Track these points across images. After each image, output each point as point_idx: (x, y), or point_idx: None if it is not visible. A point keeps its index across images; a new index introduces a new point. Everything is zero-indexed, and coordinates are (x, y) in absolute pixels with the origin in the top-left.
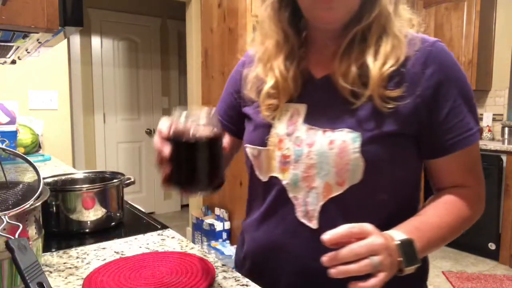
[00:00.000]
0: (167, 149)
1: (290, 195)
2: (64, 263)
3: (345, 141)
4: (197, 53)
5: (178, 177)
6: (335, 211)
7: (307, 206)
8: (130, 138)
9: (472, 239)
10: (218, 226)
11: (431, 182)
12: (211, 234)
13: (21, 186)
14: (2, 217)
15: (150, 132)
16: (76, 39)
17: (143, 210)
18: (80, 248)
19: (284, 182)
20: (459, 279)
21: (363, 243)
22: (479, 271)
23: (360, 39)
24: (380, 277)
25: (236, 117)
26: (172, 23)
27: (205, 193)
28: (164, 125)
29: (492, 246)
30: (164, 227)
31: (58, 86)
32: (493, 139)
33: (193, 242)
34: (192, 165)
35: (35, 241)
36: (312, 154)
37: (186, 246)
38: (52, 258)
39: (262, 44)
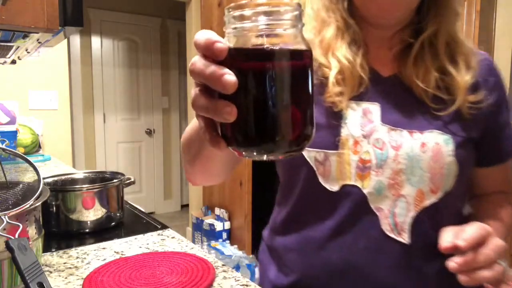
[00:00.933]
0: (232, 77)
1: (373, 205)
2: (64, 263)
3: (438, 143)
4: (197, 53)
5: (248, 126)
6: (429, 222)
7: (395, 218)
8: (130, 138)
9: None
10: (218, 226)
11: (472, 187)
12: (211, 234)
13: (21, 186)
14: (2, 217)
15: (150, 132)
16: (76, 39)
17: (143, 210)
18: (80, 248)
19: (365, 191)
20: None
21: (492, 246)
22: None
23: (428, 43)
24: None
25: None
26: (172, 23)
27: (281, 153)
28: (213, 34)
29: None
30: (164, 227)
31: (58, 86)
32: None
33: (193, 242)
34: (277, 103)
35: (35, 241)
36: (400, 158)
37: (186, 246)
38: (52, 258)
39: (318, 33)
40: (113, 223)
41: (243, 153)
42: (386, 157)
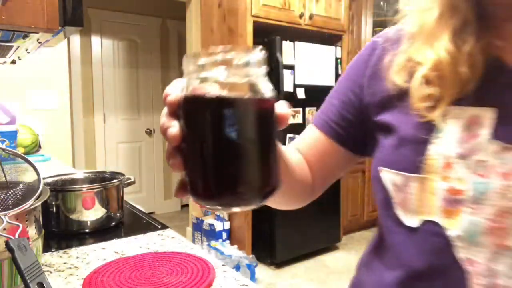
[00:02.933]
0: (174, 129)
1: (462, 255)
2: (64, 263)
3: None
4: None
5: (196, 177)
6: None
7: (496, 279)
8: (130, 138)
9: None
10: (218, 226)
11: None
12: (211, 234)
13: (21, 186)
14: (2, 217)
15: (150, 132)
16: (76, 39)
17: (143, 210)
18: (80, 248)
19: (451, 233)
20: None
21: None
22: None
23: None
24: None
25: (351, 122)
26: (172, 23)
27: (242, 207)
28: (175, 86)
29: None
30: (164, 227)
31: (58, 86)
32: None
33: (193, 242)
34: (221, 152)
35: (35, 241)
36: (510, 192)
37: (186, 246)
38: (52, 258)
39: (418, 19)
40: (113, 223)
41: (201, 203)
42: (488, 188)
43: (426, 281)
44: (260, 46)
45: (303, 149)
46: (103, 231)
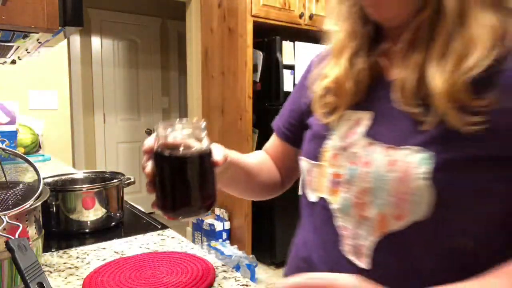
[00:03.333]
0: (148, 168)
1: (338, 223)
2: (64, 263)
3: (409, 162)
4: (197, 53)
5: (162, 198)
6: (391, 251)
7: (357, 240)
8: (130, 138)
9: None
10: (218, 226)
11: None
12: (211, 234)
13: (21, 186)
14: (2, 217)
15: (150, 132)
16: (76, 39)
17: (143, 210)
18: (80, 248)
19: (333, 207)
20: None
21: None
22: None
23: (427, 36)
24: None
25: (296, 126)
26: (172, 23)
27: (193, 216)
28: (149, 140)
29: None
30: (164, 227)
31: (58, 86)
32: None
33: (193, 242)
34: (175, 184)
35: (35, 241)
36: (369, 176)
37: (186, 246)
38: (52, 258)
39: (334, 33)
40: (113, 223)
41: (165, 215)
42: (356, 173)
43: (317, 239)
44: (203, 120)
45: (269, 150)
46: (103, 231)
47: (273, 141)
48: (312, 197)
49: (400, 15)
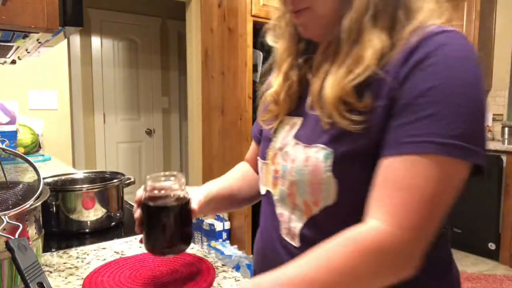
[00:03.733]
0: (136, 214)
1: (278, 211)
2: (64, 263)
3: (318, 158)
4: (197, 53)
5: (148, 239)
6: (314, 231)
7: (290, 224)
8: (130, 138)
9: (472, 239)
10: (218, 226)
11: None
12: (211, 234)
13: (21, 186)
14: (2, 217)
15: (150, 132)
16: (76, 39)
17: None
18: (80, 248)
19: (274, 197)
20: None
21: None
22: (479, 271)
23: (334, 52)
24: None
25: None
26: (172, 23)
27: (175, 253)
28: (139, 191)
29: (492, 246)
30: None
31: (58, 86)
32: (493, 139)
33: (193, 242)
34: (158, 228)
35: (35, 241)
36: (293, 170)
37: None
38: (52, 258)
39: (275, 49)
40: (113, 223)
41: (149, 251)
42: (286, 169)
43: (266, 226)
44: (180, 173)
45: (249, 158)
46: (103, 231)
47: (252, 147)
48: (262, 190)
49: (324, 34)
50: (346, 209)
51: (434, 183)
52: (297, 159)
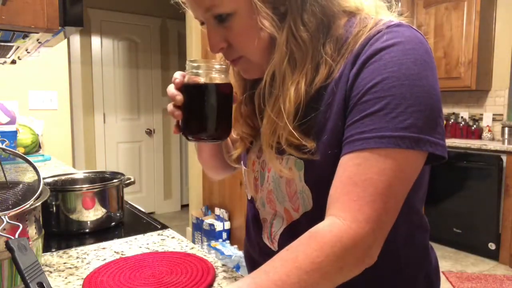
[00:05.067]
0: (179, 96)
1: (261, 216)
2: (64, 263)
3: (291, 168)
4: (197, 53)
5: (188, 123)
6: (293, 235)
7: (272, 229)
8: (130, 138)
9: (472, 239)
10: (218, 226)
11: None
12: (211, 234)
13: (21, 186)
14: (2, 217)
15: (150, 132)
16: (76, 39)
17: (143, 210)
18: (80, 248)
19: (257, 204)
20: (459, 279)
21: None
22: (479, 271)
23: (268, 92)
24: None
25: None
26: (172, 23)
27: (211, 139)
28: (178, 73)
29: (492, 246)
30: (164, 227)
31: (58, 86)
32: (493, 139)
33: (193, 242)
34: (200, 111)
35: (35, 241)
36: (270, 179)
37: (186, 246)
38: (52, 258)
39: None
40: (113, 223)
41: (188, 137)
42: (264, 177)
43: (250, 230)
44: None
45: None
46: (103, 231)
47: None
48: (248, 195)
49: (263, 74)
50: (321, 214)
51: (386, 176)
52: (272, 169)
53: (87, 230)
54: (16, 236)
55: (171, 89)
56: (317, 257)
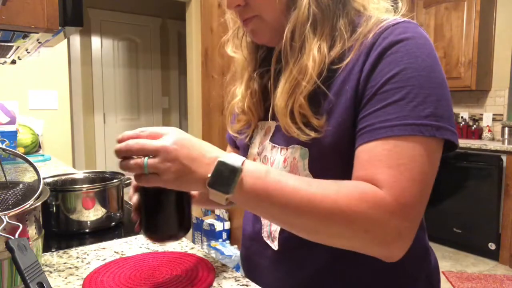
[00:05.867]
0: (135, 197)
1: None
2: (64, 263)
3: (295, 158)
4: (197, 53)
5: (145, 224)
6: (292, 234)
7: (271, 227)
8: None
9: (472, 239)
10: (218, 226)
11: None
12: (211, 234)
13: (21, 186)
14: (2, 217)
15: None
16: (76, 39)
17: None
18: (80, 248)
19: None
20: (459, 279)
21: (140, 141)
22: (479, 271)
23: (284, 58)
24: (150, 179)
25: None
26: (172, 23)
27: (172, 239)
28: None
29: (492, 246)
30: None
31: (58, 86)
32: (493, 139)
33: (193, 242)
34: (156, 212)
35: (35, 241)
36: None
37: (186, 246)
38: (52, 258)
39: (235, 59)
40: (113, 223)
41: (145, 236)
42: None
43: (249, 229)
44: None
45: None
46: (103, 231)
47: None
48: None
49: (274, 39)
50: None
51: (418, 162)
52: (275, 162)
53: (87, 230)
54: (16, 236)
55: (131, 189)
56: (355, 205)
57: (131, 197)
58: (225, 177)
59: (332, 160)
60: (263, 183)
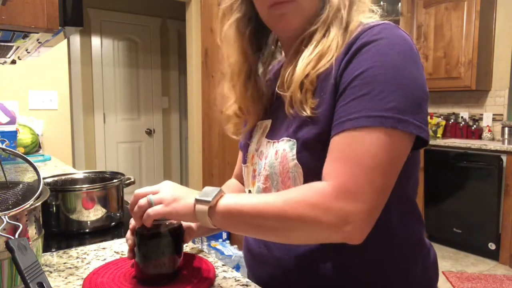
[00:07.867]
0: (130, 241)
1: None
2: (64, 263)
3: (284, 149)
4: (197, 53)
5: (140, 268)
6: None
7: None
8: (130, 138)
9: (472, 239)
10: None
11: None
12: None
13: (21, 186)
14: (2, 217)
15: (150, 132)
16: (76, 39)
17: None
18: (80, 248)
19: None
20: (459, 279)
21: (143, 189)
22: (479, 271)
23: (305, 44)
24: (155, 209)
25: None
26: (172, 23)
27: (165, 281)
28: (132, 220)
29: (492, 246)
30: None
31: (58, 86)
32: (493, 139)
33: (193, 242)
34: (151, 254)
35: (35, 241)
36: (266, 165)
37: (186, 246)
38: (52, 258)
39: (227, 59)
40: (113, 223)
41: (139, 279)
42: (261, 165)
43: None
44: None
45: (236, 174)
46: (103, 231)
47: (238, 160)
48: (246, 191)
49: (299, 27)
50: None
51: (372, 152)
52: (269, 155)
53: (87, 230)
54: (16, 236)
55: (128, 232)
56: (302, 199)
57: (128, 239)
58: (209, 191)
59: (317, 151)
60: (234, 199)
